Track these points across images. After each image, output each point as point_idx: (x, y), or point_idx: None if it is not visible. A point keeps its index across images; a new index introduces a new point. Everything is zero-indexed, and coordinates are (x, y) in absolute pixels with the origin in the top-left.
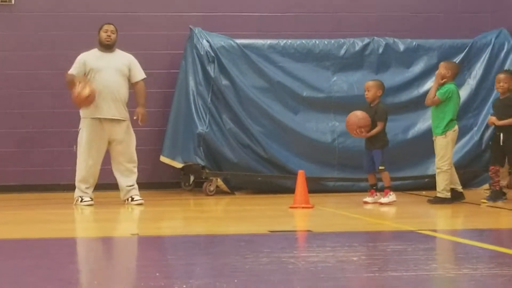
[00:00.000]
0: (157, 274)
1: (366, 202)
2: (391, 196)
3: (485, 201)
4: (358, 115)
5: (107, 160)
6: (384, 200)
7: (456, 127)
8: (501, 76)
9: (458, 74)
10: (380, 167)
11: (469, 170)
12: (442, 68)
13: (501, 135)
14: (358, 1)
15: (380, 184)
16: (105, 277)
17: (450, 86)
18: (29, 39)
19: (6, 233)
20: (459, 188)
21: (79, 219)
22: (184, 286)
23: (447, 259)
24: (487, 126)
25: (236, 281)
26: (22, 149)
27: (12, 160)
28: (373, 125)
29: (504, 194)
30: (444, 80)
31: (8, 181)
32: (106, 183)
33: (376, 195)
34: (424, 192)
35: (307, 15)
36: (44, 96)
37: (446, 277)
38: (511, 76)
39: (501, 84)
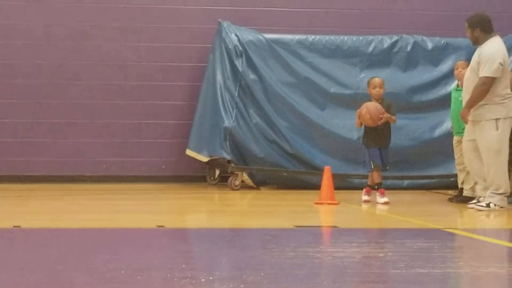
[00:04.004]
0: (183, 265)
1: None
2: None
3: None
4: (375, 106)
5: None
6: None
7: None
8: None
9: None
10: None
11: None
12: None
13: None
14: None
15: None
16: (132, 267)
17: None
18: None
19: (34, 222)
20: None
21: (105, 210)
22: (211, 278)
23: (474, 257)
24: None
25: (262, 274)
26: (48, 139)
27: (39, 150)
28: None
29: None
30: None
31: (34, 172)
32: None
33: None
34: (450, 192)
35: (336, 11)
36: (72, 87)
37: (473, 275)
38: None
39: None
